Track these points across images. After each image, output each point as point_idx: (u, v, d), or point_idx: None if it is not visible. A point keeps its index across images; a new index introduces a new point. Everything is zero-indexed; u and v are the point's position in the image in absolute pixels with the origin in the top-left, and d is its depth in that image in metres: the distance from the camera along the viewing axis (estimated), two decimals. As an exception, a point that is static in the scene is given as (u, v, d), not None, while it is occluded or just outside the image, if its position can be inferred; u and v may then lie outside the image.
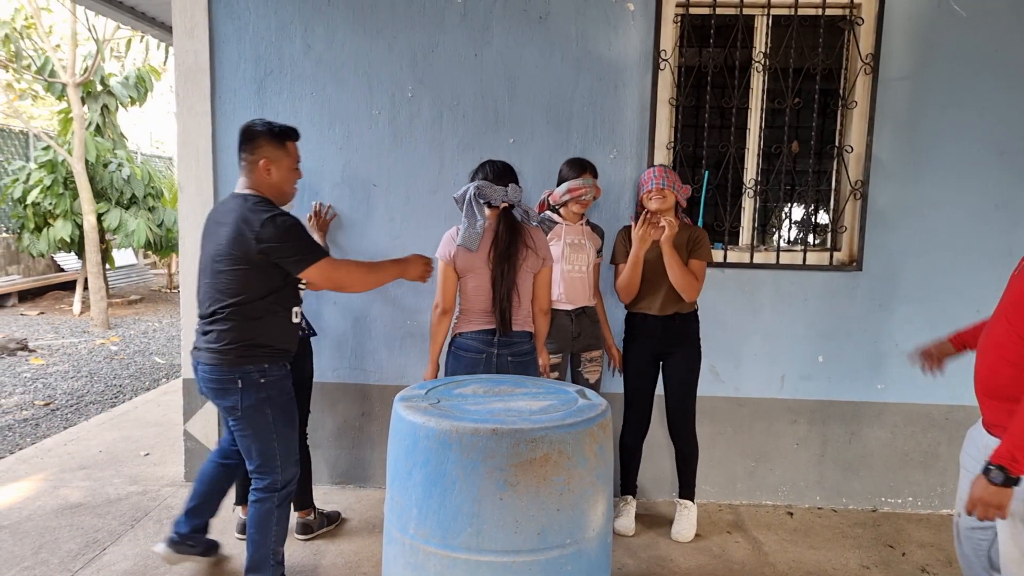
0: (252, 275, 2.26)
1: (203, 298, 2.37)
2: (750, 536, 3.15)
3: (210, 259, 2.32)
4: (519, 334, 2.62)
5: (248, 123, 2.38)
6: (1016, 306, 1.79)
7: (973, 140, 3.27)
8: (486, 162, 2.68)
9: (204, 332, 2.35)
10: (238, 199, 2.32)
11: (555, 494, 1.70)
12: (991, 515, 1.73)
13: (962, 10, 3.19)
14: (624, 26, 3.27)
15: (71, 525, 3.09)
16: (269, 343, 2.35)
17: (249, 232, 2.21)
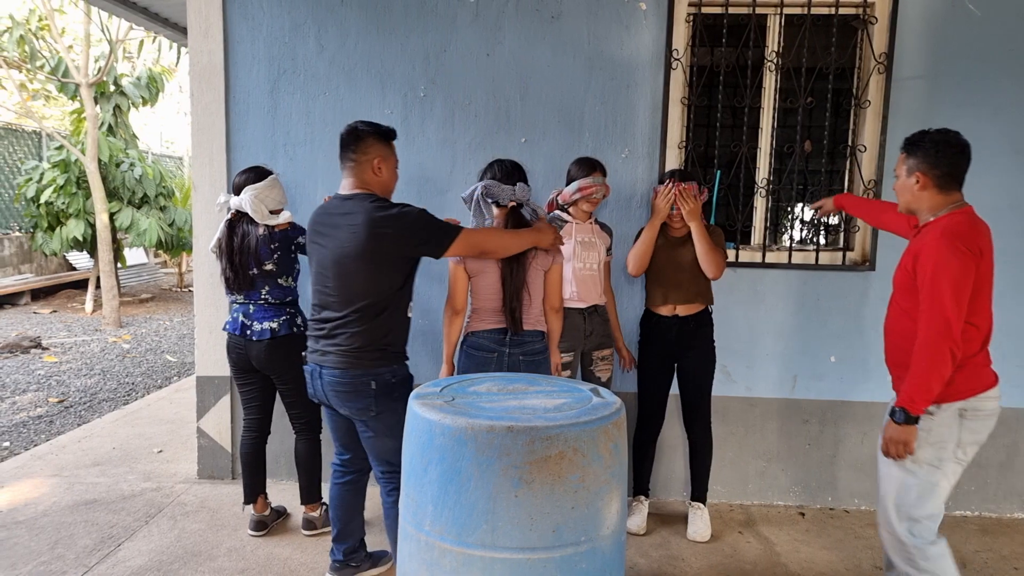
0: (383, 274, 2.26)
1: (326, 301, 2.32)
2: (762, 536, 3.14)
3: (333, 262, 2.27)
4: (530, 333, 2.63)
5: (352, 125, 2.36)
6: (901, 292, 2.18)
7: (987, 139, 3.25)
8: (495, 161, 2.70)
9: (330, 335, 2.31)
10: (354, 200, 2.28)
11: (570, 492, 1.71)
12: (900, 451, 2.09)
13: (976, 9, 3.17)
14: (636, 25, 3.28)
15: (86, 521, 3.12)
16: (397, 342, 2.36)
17: (387, 229, 2.21)
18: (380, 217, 2.22)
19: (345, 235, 2.24)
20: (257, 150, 3.40)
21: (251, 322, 2.84)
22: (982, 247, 2.06)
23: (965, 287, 2.01)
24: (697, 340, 3.05)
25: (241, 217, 2.83)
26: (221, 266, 2.86)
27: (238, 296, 2.87)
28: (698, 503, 3.13)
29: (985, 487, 3.40)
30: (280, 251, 2.83)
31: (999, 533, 3.23)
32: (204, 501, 3.34)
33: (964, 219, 2.11)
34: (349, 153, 2.34)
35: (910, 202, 2.21)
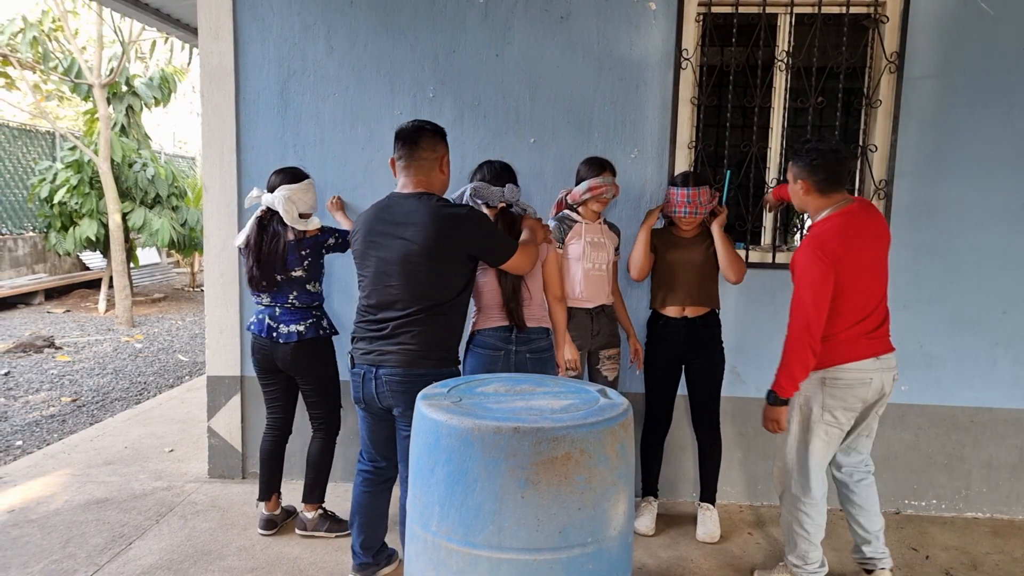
0: (450, 273, 2.26)
1: (387, 301, 2.29)
2: (771, 537, 3.13)
3: (400, 260, 2.24)
4: (535, 330, 2.65)
5: (419, 123, 2.33)
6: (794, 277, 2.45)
7: (1000, 140, 3.22)
8: (484, 163, 2.73)
9: (391, 335, 2.28)
10: (419, 199, 2.25)
11: (576, 493, 1.71)
12: (773, 427, 2.49)
13: (989, 8, 3.14)
14: (646, 25, 3.27)
15: (97, 520, 3.15)
16: (456, 344, 2.36)
17: (457, 229, 2.21)
18: (450, 215, 2.22)
19: (413, 234, 2.21)
20: (267, 151, 3.42)
21: (277, 324, 2.85)
22: (842, 252, 2.33)
23: (824, 290, 2.32)
24: (705, 342, 3.05)
25: (272, 216, 2.83)
26: (247, 264, 2.85)
27: (263, 297, 2.88)
28: (707, 504, 3.12)
29: (997, 489, 3.37)
30: (311, 257, 2.85)
31: (1011, 535, 3.19)
32: (215, 500, 3.37)
33: (832, 226, 2.38)
34: (418, 151, 2.29)
35: (799, 205, 2.53)
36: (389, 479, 2.56)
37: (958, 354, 3.33)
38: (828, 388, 2.43)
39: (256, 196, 2.87)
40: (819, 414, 2.46)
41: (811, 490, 2.51)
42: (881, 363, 2.44)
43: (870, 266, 2.40)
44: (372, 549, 2.60)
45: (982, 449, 3.35)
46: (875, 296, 2.44)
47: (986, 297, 3.28)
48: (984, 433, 3.35)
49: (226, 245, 3.48)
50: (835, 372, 2.42)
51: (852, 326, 2.40)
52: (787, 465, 2.56)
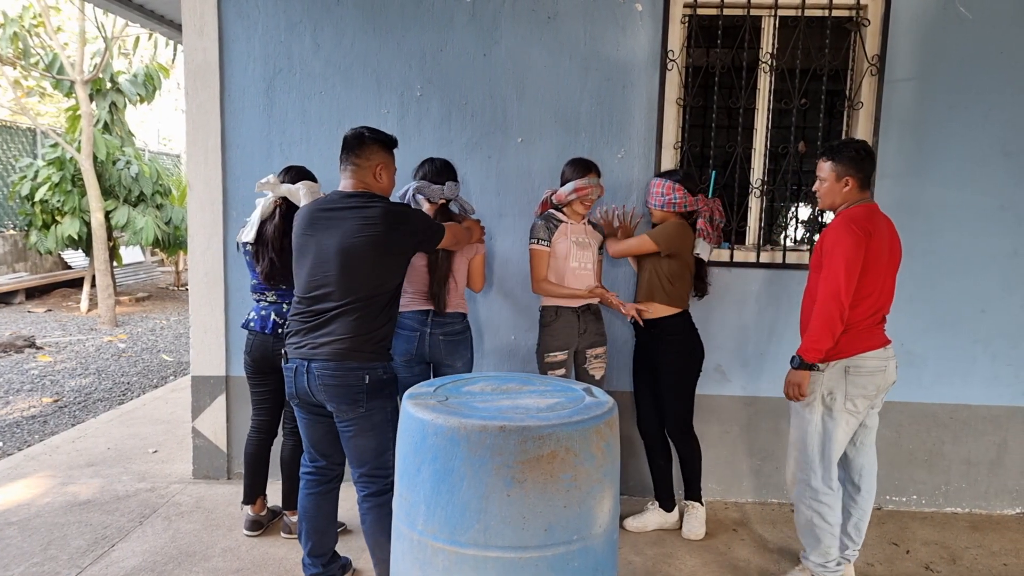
0: (388, 267, 2.30)
1: (323, 293, 2.29)
2: (755, 534, 3.16)
3: (338, 252, 2.26)
4: (452, 315, 2.84)
5: (359, 130, 2.38)
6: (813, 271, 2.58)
7: (979, 141, 3.27)
8: (426, 160, 2.85)
9: (324, 325, 2.28)
10: (361, 197, 2.31)
11: (562, 491, 1.72)
12: (795, 392, 2.53)
13: (968, 12, 3.19)
14: (632, 26, 3.28)
15: (80, 522, 3.12)
16: (389, 338, 2.38)
17: (401, 223, 2.29)
18: (396, 211, 2.30)
19: (354, 226, 2.25)
20: (253, 149, 3.41)
21: (284, 321, 2.80)
22: (872, 230, 2.43)
23: (856, 260, 2.41)
24: (666, 344, 3.00)
25: (290, 209, 2.78)
26: (263, 258, 2.76)
27: (269, 294, 2.84)
28: (693, 502, 3.14)
29: (976, 485, 3.43)
30: None
31: (989, 529, 3.25)
32: (199, 501, 3.35)
33: (862, 210, 2.49)
34: (352, 157, 2.36)
35: (832, 202, 2.58)
36: (333, 479, 2.54)
37: (938, 352, 3.38)
38: (851, 376, 2.50)
39: (273, 183, 2.76)
40: (843, 403, 2.52)
41: (832, 480, 2.56)
42: (889, 351, 2.56)
43: (888, 260, 2.50)
44: (323, 557, 2.55)
45: (961, 445, 3.41)
46: (888, 289, 2.54)
47: (965, 296, 3.33)
48: (963, 430, 3.41)
49: (211, 244, 3.46)
50: (858, 360, 2.49)
51: (871, 315, 2.50)
52: (808, 459, 2.58)
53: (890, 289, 2.55)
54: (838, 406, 2.53)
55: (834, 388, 2.52)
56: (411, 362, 2.84)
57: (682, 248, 2.93)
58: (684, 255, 2.95)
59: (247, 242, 2.81)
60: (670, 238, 2.92)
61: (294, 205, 2.78)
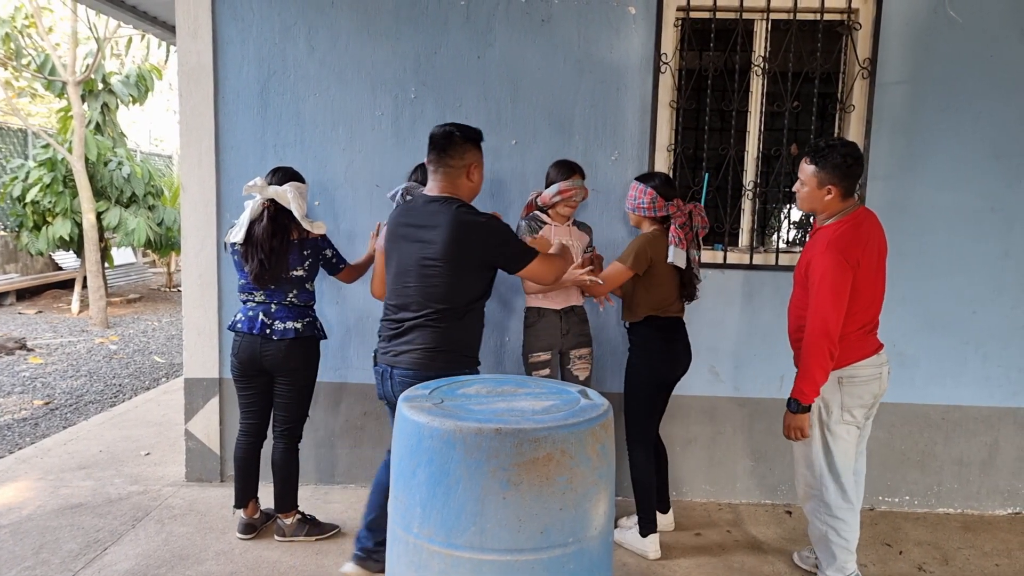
0: (465, 279, 2.28)
1: (405, 302, 2.32)
2: (749, 535, 3.17)
3: (417, 263, 2.28)
4: None
5: (448, 129, 2.32)
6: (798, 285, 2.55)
7: (969, 144, 3.30)
8: (419, 165, 2.85)
9: (404, 334, 2.31)
10: (442, 203, 2.28)
11: (558, 493, 1.72)
12: (796, 435, 2.49)
13: (958, 16, 3.22)
14: (625, 29, 3.30)
15: (72, 525, 3.11)
16: (472, 346, 2.38)
17: (473, 236, 2.24)
18: (468, 222, 2.24)
19: (431, 237, 2.25)
20: (247, 151, 3.40)
21: (272, 321, 2.82)
22: (860, 254, 2.38)
23: (844, 296, 2.36)
24: (630, 350, 2.97)
25: (278, 210, 2.79)
26: (252, 259, 2.75)
27: (256, 295, 2.84)
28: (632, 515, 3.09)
29: (968, 485, 3.45)
30: (311, 259, 2.86)
31: (981, 530, 3.27)
32: (192, 504, 3.33)
33: (848, 229, 2.41)
34: (445, 158, 2.32)
35: (811, 206, 2.51)
36: None
37: (930, 353, 3.41)
38: (846, 387, 2.46)
39: (260, 186, 2.77)
40: (839, 415, 2.47)
41: (846, 493, 2.50)
42: (882, 358, 2.53)
43: (877, 267, 2.47)
44: (379, 532, 2.46)
45: (953, 446, 3.43)
46: (879, 296, 2.51)
47: (956, 298, 3.36)
48: (955, 430, 3.43)
49: (204, 245, 3.45)
50: (851, 371, 2.45)
51: (863, 325, 2.46)
52: (816, 475, 2.52)
53: (881, 292, 2.53)
54: (835, 419, 2.48)
55: (829, 401, 2.48)
56: None
57: (655, 259, 2.82)
58: (657, 265, 2.82)
59: (235, 243, 2.81)
60: (638, 257, 2.79)
61: (283, 207, 2.79)
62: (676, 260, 2.81)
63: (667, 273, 2.86)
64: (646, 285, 2.86)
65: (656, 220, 2.88)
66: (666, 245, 2.82)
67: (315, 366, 2.97)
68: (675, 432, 3.43)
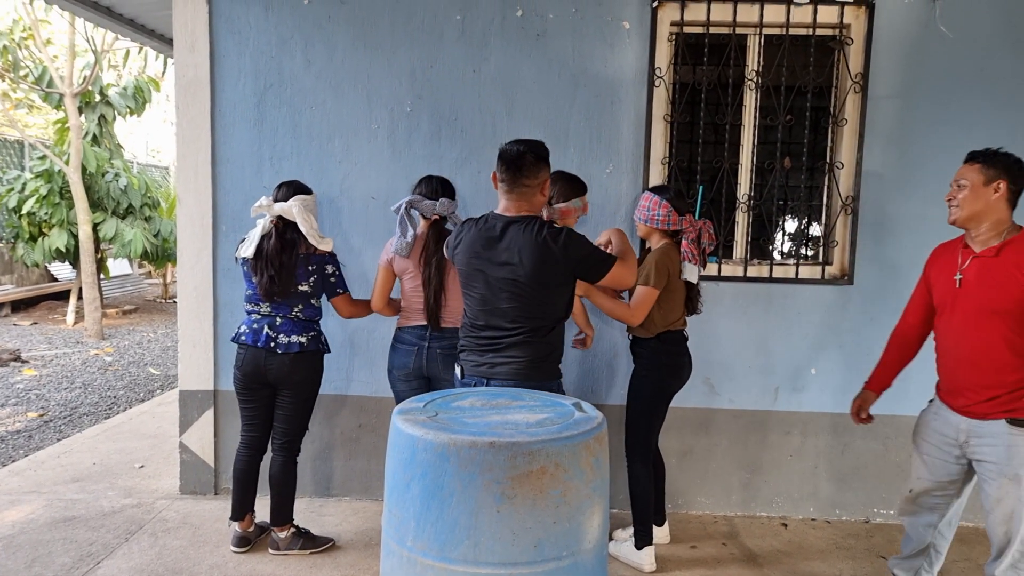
0: (554, 294, 2.32)
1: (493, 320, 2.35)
2: (744, 548, 3.17)
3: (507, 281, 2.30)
4: (450, 330, 2.86)
5: (521, 149, 2.30)
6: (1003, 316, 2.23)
7: (961, 156, 3.28)
8: (424, 178, 2.92)
9: (501, 350, 2.35)
10: (523, 224, 2.29)
11: (551, 507, 1.72)
12: None
13: (948, 31, 3.26)
14: (620, 44, 3.33)
15: (65, 538, 3.09)
16: (560, 356, 2.42)
17: (559, 253, 2.25)
18: (552, 239, 2.26)
19: (518, 259, 2.27)
20: (243, 163, 3.41)
21: (277, 334, 2.83)
22: None
23: None
24: (634, 365, 2.99)
25: (286, 226, 2.82)
26: (261, 275, 2.77)
27: (261, 307, 2.85)
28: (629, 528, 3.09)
29: (963, 498, 3.45)
30: (316, 274, 2.86)
31: (975, 543, 3.27)
32: (186, 517, 3.32)
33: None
34: (522, 178, 2.31)
35: (977, 213, 2.26)
36: None
37: (924, 366, 3.38)
38: None
39: (266, 205, 2.81)
40: None
41: None
42: None
43: None
44: None
45: (948, 458, 3.43)
46: None
47: (950, 310, 3.37)
48: (949, 442, 3.43)
49: (200, 258, 3.45)
50: None
51: None
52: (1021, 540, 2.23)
53: None
54: None
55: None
56: (409, 377, 2.88)
57: (672, 274, 2.82)
58: (672, 280, 2.83)
59: (246, 257, 2.83)
60: (659, 274, 2.77)
61: (291, 222, 2.81)
62: (689, 276, 2.83)
63: (679, 289, 2.88)
64: (659, 302, 2.83)
65: (667, 234, 2.89)
66: (678, 260, 2.84)
67: (318, 381, 2.97)
68: (671, 444, 3.43)
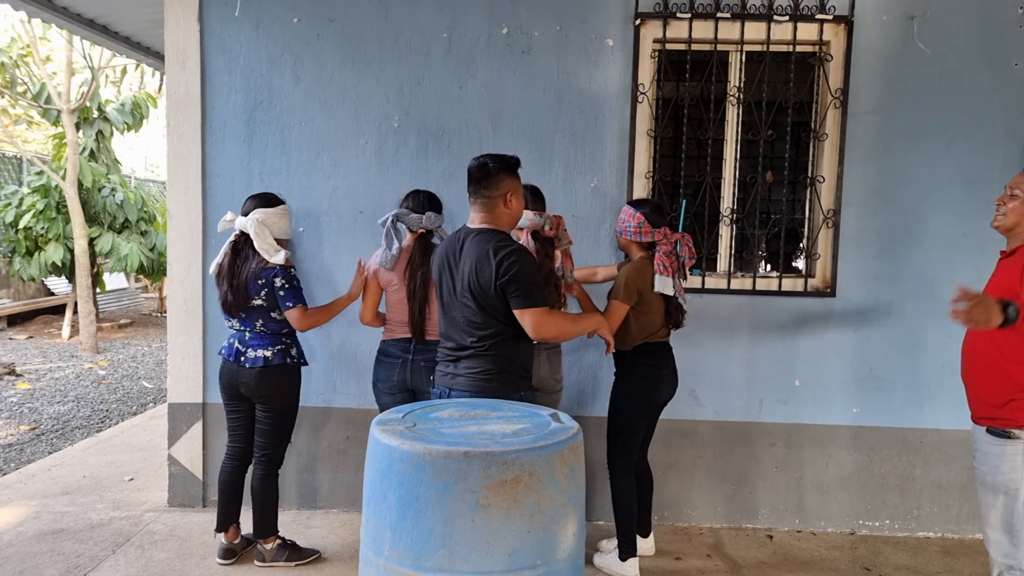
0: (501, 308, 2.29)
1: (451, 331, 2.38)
2: (729, 559, 3.18)
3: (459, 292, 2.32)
4: (434, 343, 2.83)
5: (482, 160, 2.34)
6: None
7: (941, 170, 3.38)
8: (411, 192, 2.98)
9: (458, 361, 2.37)
10: (482, 236, 2.32)
11: (526, 516, 1.74)
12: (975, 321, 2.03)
13: (926, 48, 3.32)
14: (604, 61, 3.39)
15: (52, 551, 3.10)
16: (526, 365, 2.42)
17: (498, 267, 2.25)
18: (488, 253, 2.27)
19: (467, 268, 2.31)
20: (233, 178, 3.46)
21: (245, 349, 2.87)
22: None
23: None
24: (615, 377, 3.02)
25: (246, 240, 2.85)
26: (221, 289, 2.86)
27: (234, 322, 2.89)
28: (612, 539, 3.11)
29: (947, 509, 3.47)
30: (266, 288, 2.83)
31: (961, 554, 3.29)
32: (173, 529, 3.33)
33: None
34: (481, 189, 2.34)
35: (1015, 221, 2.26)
36: None
37: (906, 377, 3.45)
38: None
39: (230, 220, 2.88)
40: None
41: None
42: None
43: None
44: None
45: (932, 469, 3.46)
46: None
47: (932, 322, 3.41)
48: (934, 454, 3.46)
49: (190, 272, 3.49)
50: None
51: None
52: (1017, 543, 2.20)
53: None
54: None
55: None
56: (394, 389, 2.90)
57: (643, 288, 2.85)
58: (645, 293, 2.85)
59: (213, 273, 2.92)
60: (628, 288, 2.81)
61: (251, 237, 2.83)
62: (662, 288, 2.84)
63: (655, 301, 2.89)
64: (635, 314, 2.87)
65: (644, 246, 2.92)
66: (652, 273, 2.85)
67: (290, 394, 2.97)
68: (656, 456, 3.44)
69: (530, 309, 2.27)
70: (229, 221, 2.88)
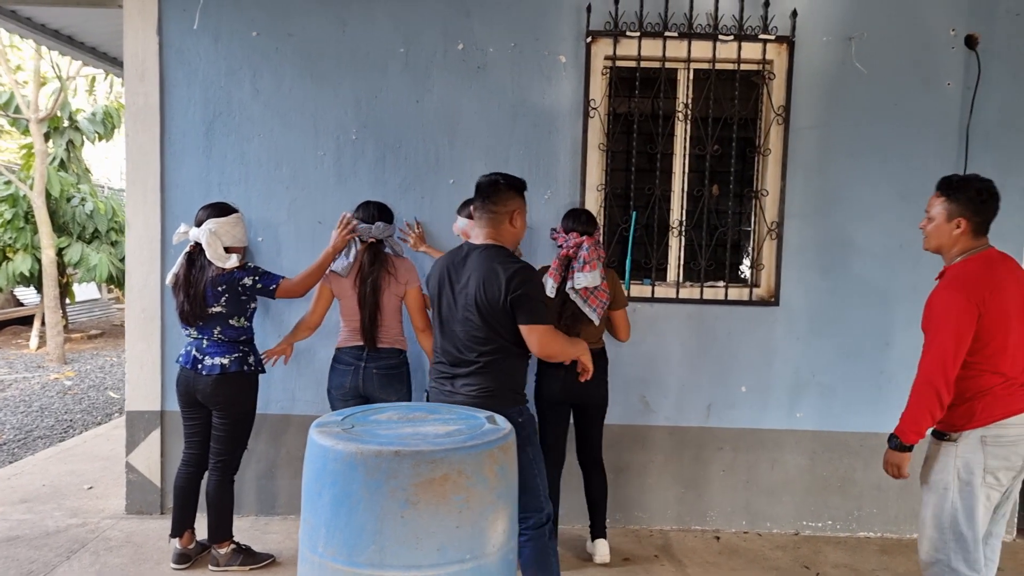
0: (504, 324, 2.31)
1: (450, 346, 2.39)
2: (676, 560, 3.27)
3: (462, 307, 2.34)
4: (387, 351, 2.96)
5: (493, 177, 2.38)
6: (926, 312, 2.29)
7: (878, 184, 3.53)
8: (363, 203, 3.08)
9: (456, 378, 2.38)
10: (486, 252, 2.35)
11: (454, 512, 1.82)
12: (894, 472, 2.32)
13: (863, 68, 3.48)
14: (556, 77, 3.50)
15: (6, 557, 3.11)
16: (521, 384, 2.43)
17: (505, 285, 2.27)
18: (497, 270, 2.29)
19: (472, 285, 2.32)
20: (192, 189, 3.51)
21: (203, 356, 2.91)
22: (986, 298, 2.15)
23: (967, 336, 2.14)
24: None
25: (200, 251, 2.91)
26: (178, 299, 2.92)
27: (192, 330, 2.94)
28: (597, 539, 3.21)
29: (886, 510, 3.60)
30: (227, 294, 2.88)
31: (897, 553, 3.41)
32: (130, 536, 3.35)
33: (974, 268, 2.22)
34: (488, 204, 2.37)
35: (943, 245, 2.30)
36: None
37: (847, 383, 3.58)
38: (990, 447, 2.19)
39: (183, 232, 2.95)
40: (981, 477, 2.20)
41: (978, 561, 2.22)
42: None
43: (1018, 314, 2.21)
44: None
45: (872, 472, 3.58)
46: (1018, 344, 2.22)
47: (871, 330, 3.55)
48: (873, 457, 3.58)
49: (148, 281, 3.53)
50: (996, 429, 2.19)
51: (1010, 378, 2.20)
52: (947, 541, 2.23)
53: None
54: (976, 481, 2.19)
55: (971, 461, 2.19)
56: (347, 396, 2.96)
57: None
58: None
59: (169, 284, 2.97)
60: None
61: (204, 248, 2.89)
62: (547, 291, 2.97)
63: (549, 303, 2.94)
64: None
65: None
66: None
67: (246, 401, 3.02)
68: (609, 460, 3.51)
69: (538, 326, 2.31)
70: (183, 233, 2.95)
